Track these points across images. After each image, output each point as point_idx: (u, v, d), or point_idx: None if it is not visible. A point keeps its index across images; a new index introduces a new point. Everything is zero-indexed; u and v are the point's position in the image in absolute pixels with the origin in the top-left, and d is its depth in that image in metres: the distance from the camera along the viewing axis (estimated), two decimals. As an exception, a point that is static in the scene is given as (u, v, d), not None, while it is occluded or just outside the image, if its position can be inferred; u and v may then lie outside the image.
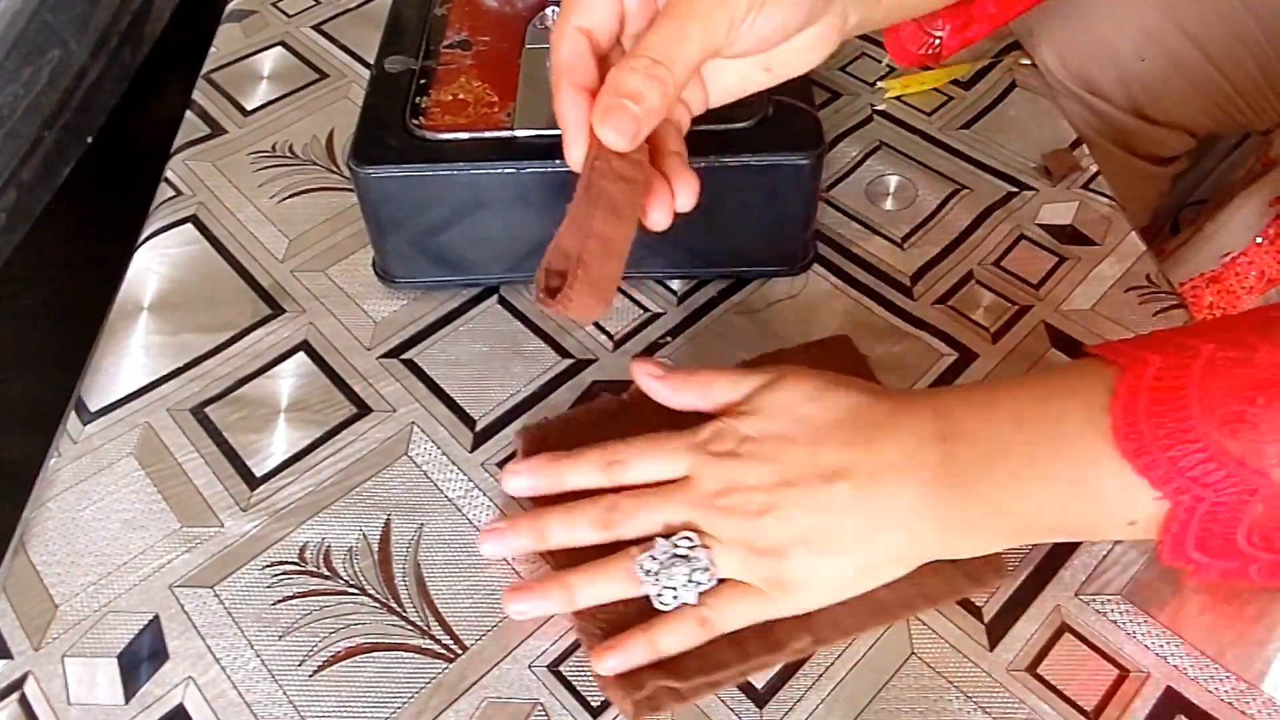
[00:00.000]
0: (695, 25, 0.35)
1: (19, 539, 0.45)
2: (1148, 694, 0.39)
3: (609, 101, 0.35)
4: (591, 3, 0.37)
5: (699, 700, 0.39)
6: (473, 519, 0.46)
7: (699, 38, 0.35)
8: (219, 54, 0.72)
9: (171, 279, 0.56)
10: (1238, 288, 0.70)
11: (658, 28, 0.35)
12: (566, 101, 0.37)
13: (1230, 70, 0.78)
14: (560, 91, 0.37)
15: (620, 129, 0.35)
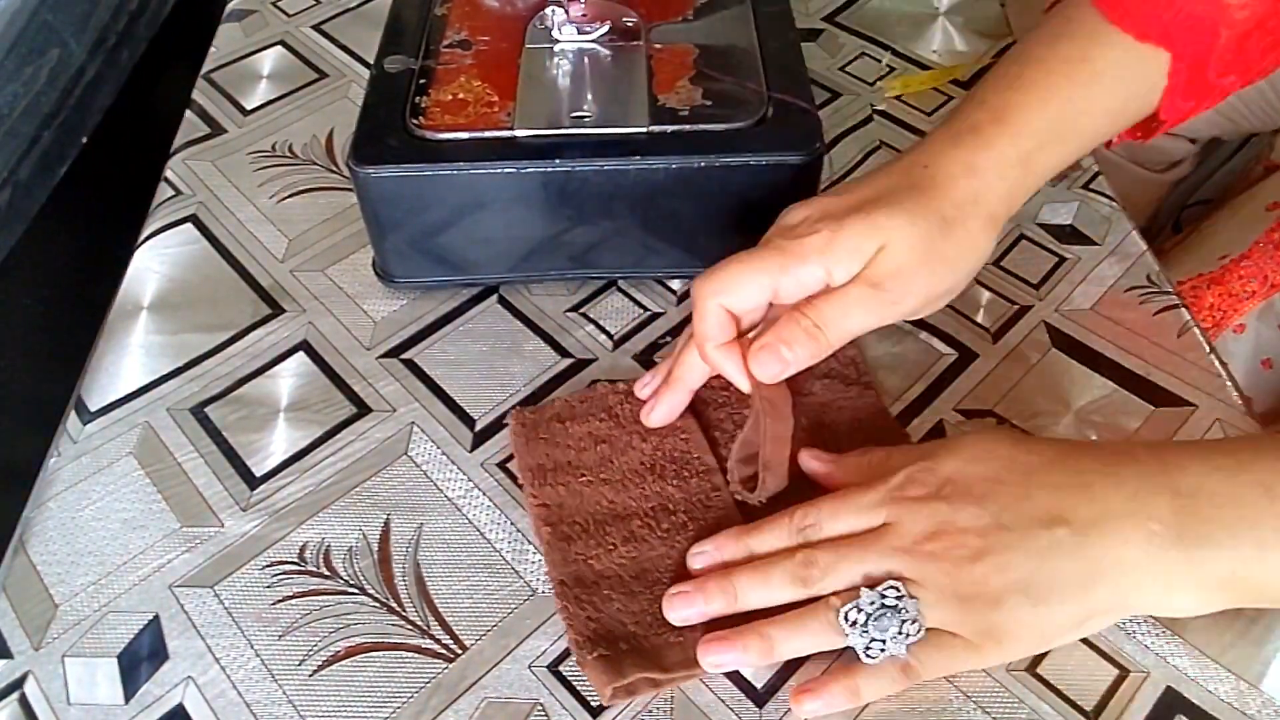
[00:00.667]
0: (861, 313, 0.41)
1: (19, 538, 0.45)
2: (1148, 694, 0.39)
3: (767, 342, 0.41)
4: (739, 286, 0.42)
5: (673, 688, 0.40)
6: (472, 519, 0.46)
7: (862, 322, 0.42)
8: (219, 54, 0.72)
9: (171, 279, 0.56)
10: (1240, 291, 0.70)
11: (832, 300, 0.41)
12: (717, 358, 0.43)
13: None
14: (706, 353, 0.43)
15: (768, 369, 0.42)
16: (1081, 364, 0.51)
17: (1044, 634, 0.38)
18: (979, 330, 0.52)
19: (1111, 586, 0.36)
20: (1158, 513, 0.36)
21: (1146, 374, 0.50)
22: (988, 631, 0.37)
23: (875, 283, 0.41)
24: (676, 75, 0.53)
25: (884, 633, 0.37)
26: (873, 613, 0.37)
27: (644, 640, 0.40)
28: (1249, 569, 0.36)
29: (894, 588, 0.37)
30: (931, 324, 0.53)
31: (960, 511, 0.37)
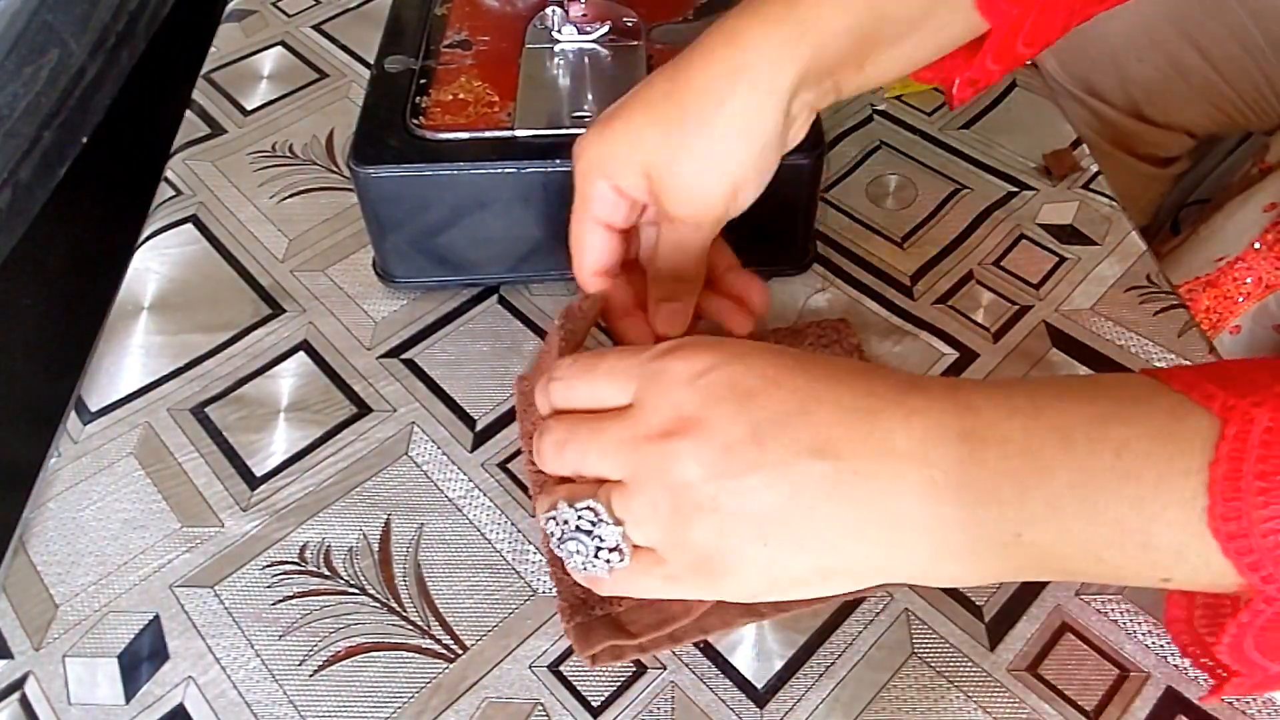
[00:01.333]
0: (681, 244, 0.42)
1: (19, 539, 0.45)
2: (1148, 694, 0.39)
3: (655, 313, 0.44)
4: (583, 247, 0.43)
5: (657, 650, 0.40)
6: (473, 519, 0.46)
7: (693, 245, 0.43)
8: (219, 54, 0.72)
9: (171, 279, 0.56)
10: (1235, 293, 0.70)
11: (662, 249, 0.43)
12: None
13: (1229, 72, 0.78)
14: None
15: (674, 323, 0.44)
16: (1081, 364, 0.51)
17: (773, 581, 0.32)
18: (979, 330, 0.52)
19: (872, 543, 0.31)
20: (942, 456, 0.30)
21: (1146, 374, 0.50)
22: (701, 566, 0.32)
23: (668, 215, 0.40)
24: (677, 75, 0.53)
25: (576, 554, 0.34)
26: (566, 531, 0.34)
27: (616, 604, 0.40)
28: (1035, 530, 0.30)
29: (589, 508, 0.33)
30: (931, 324, 0.53)
31: (711, 409, 0.31)
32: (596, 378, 0.35)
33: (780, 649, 0.41)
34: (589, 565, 0.34)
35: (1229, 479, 0.27)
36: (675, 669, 0.41)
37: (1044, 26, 0.41)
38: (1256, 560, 0.27)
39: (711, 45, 0.39)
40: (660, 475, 0.31)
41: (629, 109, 0.40)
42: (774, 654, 0.41)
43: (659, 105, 0.39)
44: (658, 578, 0.33)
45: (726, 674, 0.40)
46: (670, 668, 0.41)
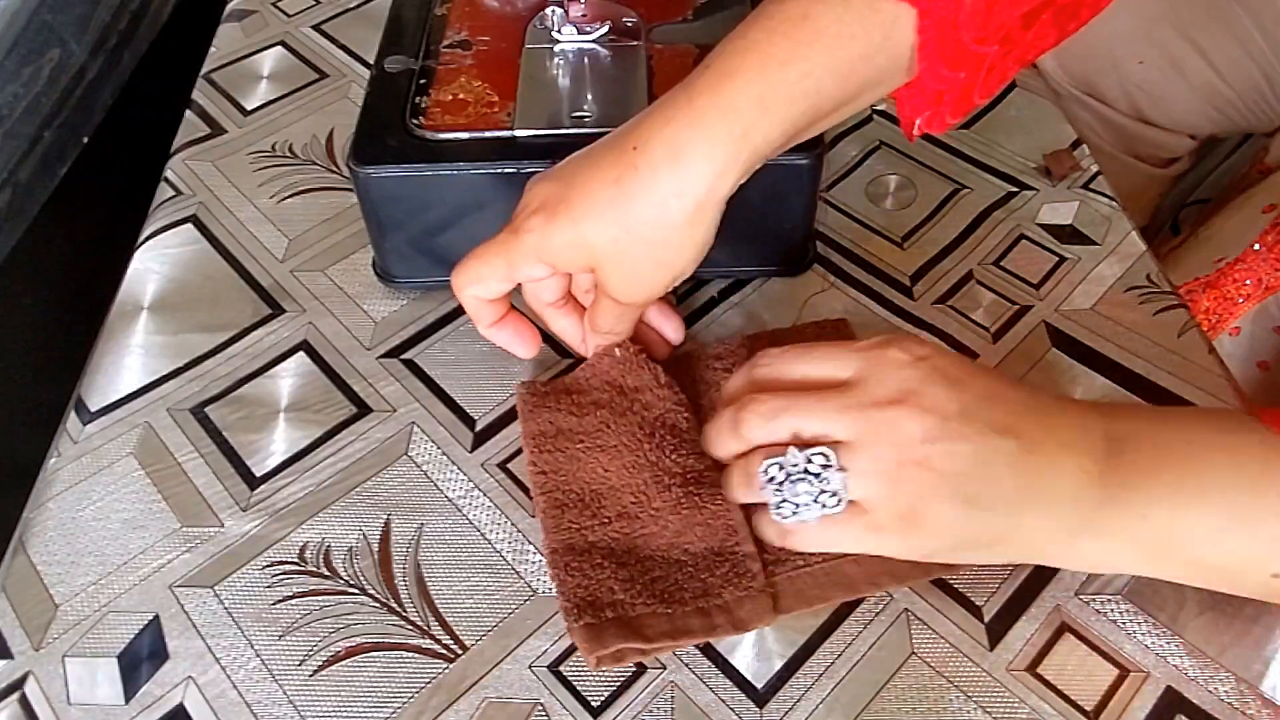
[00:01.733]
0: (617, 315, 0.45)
1: (19, 539, 0.45)
2: (1148, 694, 0.39)
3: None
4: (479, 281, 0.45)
5: (660, 655, 0.41)
6: (473, 519, 0.46)
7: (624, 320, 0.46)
8: (219, 54, 0.72)
9: (171, 279, 0.56)
10: (1235, 294, 0.70)
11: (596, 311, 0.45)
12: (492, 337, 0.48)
13: (1229, 73, 0.78)
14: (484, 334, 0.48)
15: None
16: (1081, 364, 0.51)
17: (958, 538, 0.37)
18: (979, 330, 0.52)
19: (1034, 511, 0.37)
20: (1092, 449, 0.37)
21: (1146, 374, 0.50)
22: (907, 515, 0.37)
23: (611, 297, 0.43)
24: (677, 76, 0.53)
25: (798, 497, 0.37)
26: (793, 473, 0.37)
27: (630, 609, 0.40)
28: (1158, 510, 0.36)
29: (822, 454, 0.37)
30: (931, 324, 0.53)
31: (931, 386, 0.37)
32: (814, 359, 0.40)
33: (780, 649, 0.41)
34: (805, 509, 0.37)
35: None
36: (675, 669, 0.41)
37: (991, 80, 0.43)
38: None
39: (654, 159, 0.40)
40: (887, 434, 0.37)
41: (575, 209, 0.41)
42: (774, 654, 0.41)
43: (605, 210, 0.41)
44: (859, 527, 0.38)
45: (726, 674, 0.40)
46: (670, 668, 0.41)
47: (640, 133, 0.41)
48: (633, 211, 0.40)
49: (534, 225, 0.42)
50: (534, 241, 0.42)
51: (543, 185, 0.43)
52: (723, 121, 0.39)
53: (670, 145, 0.40)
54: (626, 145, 0.41)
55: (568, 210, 0.41)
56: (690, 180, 0.40)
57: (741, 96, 0.39)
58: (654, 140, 0.40)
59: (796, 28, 0.39)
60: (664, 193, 0.40)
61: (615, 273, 0.42)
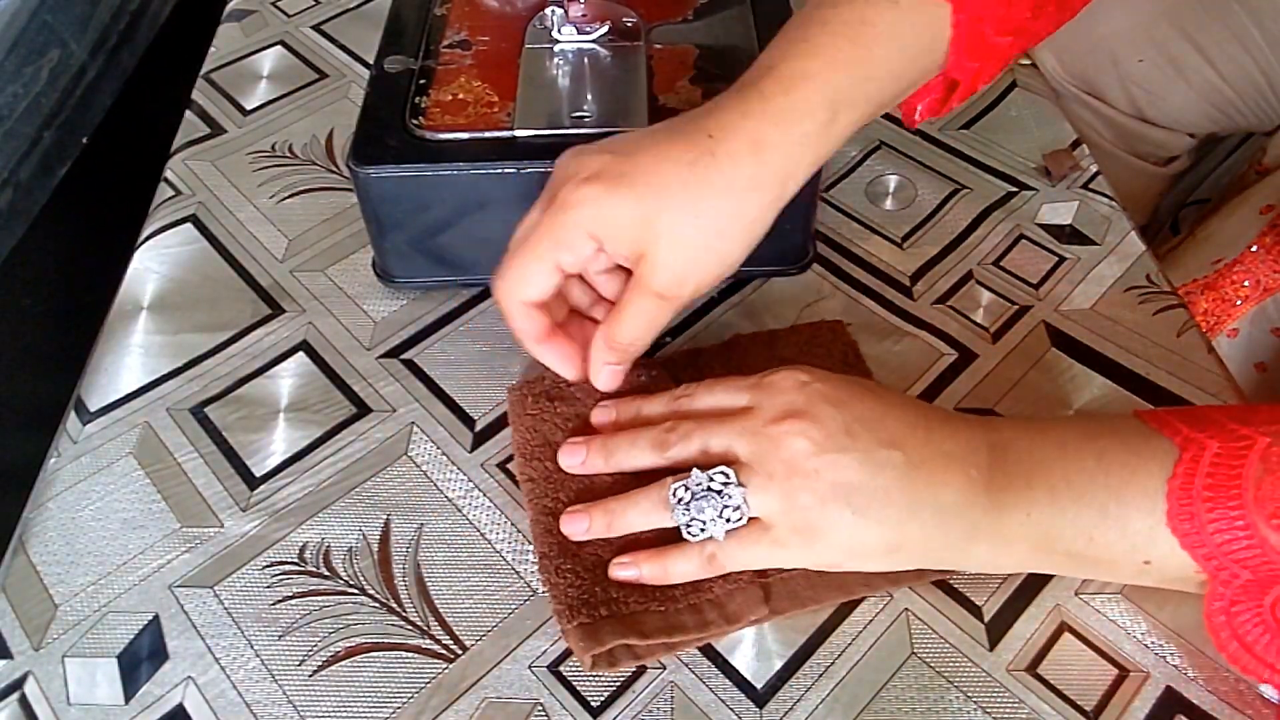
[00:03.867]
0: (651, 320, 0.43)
1: (19, 539, 0.45)
2: (1148, 693, 0.39)
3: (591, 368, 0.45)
4: (528, 281, 0.42)
5: (653, 659, 0.40)
6: (473, 519, 0.46)
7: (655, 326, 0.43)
8: (219, 54, 0.72)
9: (171, 279, 0.56)
10: (1233, 296, 0.70)
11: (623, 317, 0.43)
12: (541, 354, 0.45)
13: (1229, 72, 0.78)
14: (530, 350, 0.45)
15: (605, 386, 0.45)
16: (1081, 364, 0.51)
17: (854, 548, 0.39)
18: (979, 330, 0.52)
19: (925, 523, 0.38)
20: (978, 461, 0.39)
21: (1146, 374, 0.50)
22: (803, 527, 0.39)
23: (654, 291, 0.41)
24: (676, 76, 0.53)
25: (703, 514, 0.39)
26: (697, 492, 0.39)
27: (624, 606, 0.40)
28: (1040, 514, 0.38)
29: (723, 472, 0.39)
30: (931, 324, 0.53)
31: (818, 407, 0.39)
32: (718, 392, 0.43)
33: (780, 649, 0.41)
34: (711, 524, 0.39)
35: (1184, 489, 0.36)
36: (675, 669, 0.41)
37: (996, 68, 0.46)
38: (1208, 553, 0.36)
39: (735, 150, 0.40)
40: (778, 451, 0.39)
41: (640, 181, 0.40)
42: (774, 654, 0.41)
43: (676, 191, 0.40)
44: (765, 544, 0.39)
45: (726, 674, 0.40)
46: (670, 668, 0.41)
47: (714, 122, 0.41)
48: (706, 197, 0.40)
49: (587, 195, 0.40)
50: (589, 213, 0.40)
51: (592, 157, 0.41)
52: (799, 122, 0.41)
53: (751, 137, 0.40)
54: (699, 131, 0.41)
55: (630, 183, 0.40)
56: (770, 174, 0.41)
57: (815, 98, 0.41)
58: (733, 131, 0.40)
59: (858, 32, 0.41)
60: (742, 183, 0.40)
61: (671, 258, 0.41)
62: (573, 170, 0.41)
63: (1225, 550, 0.36)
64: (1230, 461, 0.36)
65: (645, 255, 0.41)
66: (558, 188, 0.41)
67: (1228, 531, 0.36)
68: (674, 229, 0.40)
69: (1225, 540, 0.36)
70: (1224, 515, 0.36)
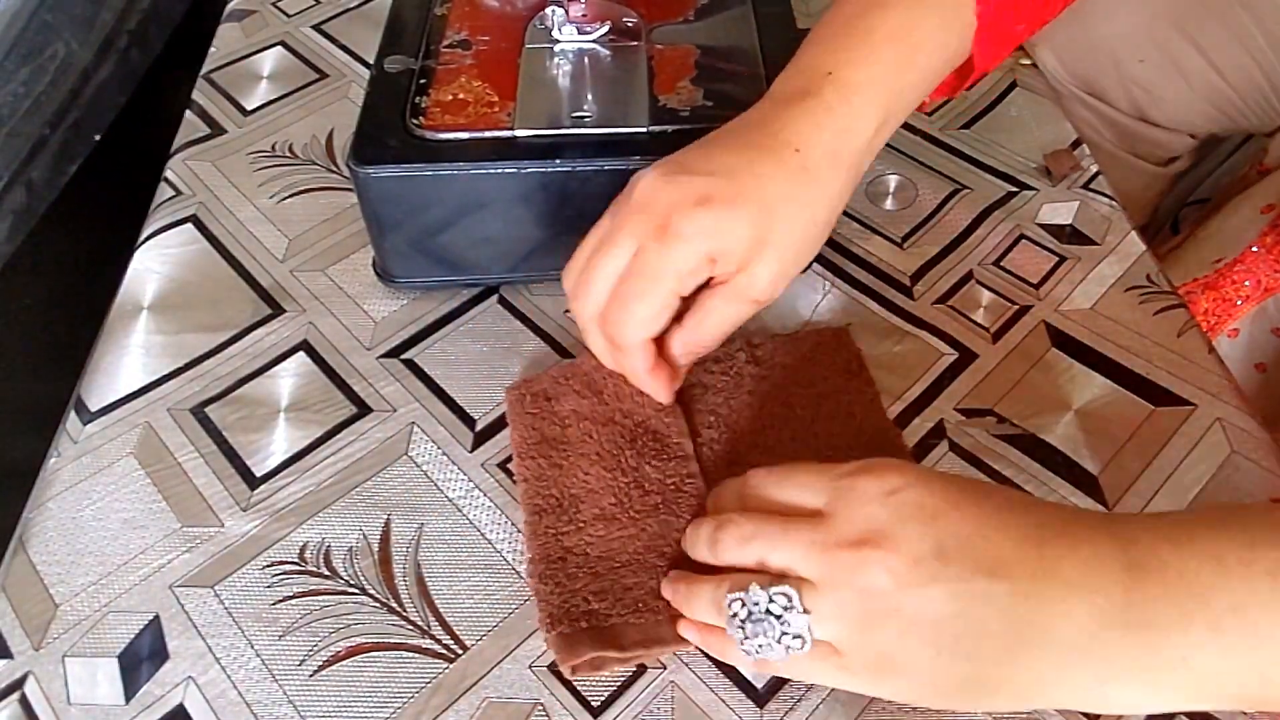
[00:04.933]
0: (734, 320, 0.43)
1: (19, 539, 0.45)
2: (1148, 694, 0.39)
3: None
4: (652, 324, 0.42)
5: (639, 661, 0.41)
6: (473, 519, 0.46)
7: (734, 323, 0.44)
8: (219, 54, 0.72)
9: (171, 279, 0.56)
10: (1234, 295, 0.70)
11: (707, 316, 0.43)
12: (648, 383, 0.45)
13: (1230, 73, 0.78)
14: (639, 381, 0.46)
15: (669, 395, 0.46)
16: (1081, 364, 0.51)
17: (935, 688, 0.34)
18: (979, 330, 0.52)
19: (1032, 661, 0.32)
20: (1107, 585, 0.32)
21: (1147, 374, 0.50)
22: (875, 662, 0.34)
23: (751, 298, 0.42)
24: (677, 76, 0.53)
25: (759, 637, 0.35)
26: (754, 613, 0.35)
27: (604, 619, 0.40)
28: (1202, 656, 0.31)
29: (784, 594, 0.34)
30: (931, 324, 0.53)
31: (901, 526, 0.34)
32: (791, 485, 0.38)
33: (780, 649, 0.41)
34: (768, 648, 0.35)
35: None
36: (675, 669, 0.41)
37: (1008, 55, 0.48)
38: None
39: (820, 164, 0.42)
40: (852, 580, 0.34)
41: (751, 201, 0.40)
42: (774, 654, 0.41)
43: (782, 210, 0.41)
44: (833, 668, 0.35)
45: (726, 674, 0.40)
46: (670, 668, 0.41)
47: (795, 137, 0.42)
48: (806, 209, 0.42)
49: (705, 220, 0.40)
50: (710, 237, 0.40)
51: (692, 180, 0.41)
52: (861, 132, 0.42)
53: (830, 150, 0.42)
54: (784, 147, 0.42)
55: (744, 203, 0.40)
56: (849, 181, 0.43)
57: (869, 108, 0.42)
58: (815, 145, 0.42)
59: (904, 40, 0.43)
60: (834, 192, 0.43)
61: (774, 269, 0.42)
62: (678, 196, 0.40)
63: None
64: None
65: (747, 268, 0.41)
66: (666, 214, 0.40)
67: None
68: (783, 240, 0.42)
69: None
70: None
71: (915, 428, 0.48)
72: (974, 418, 0.49)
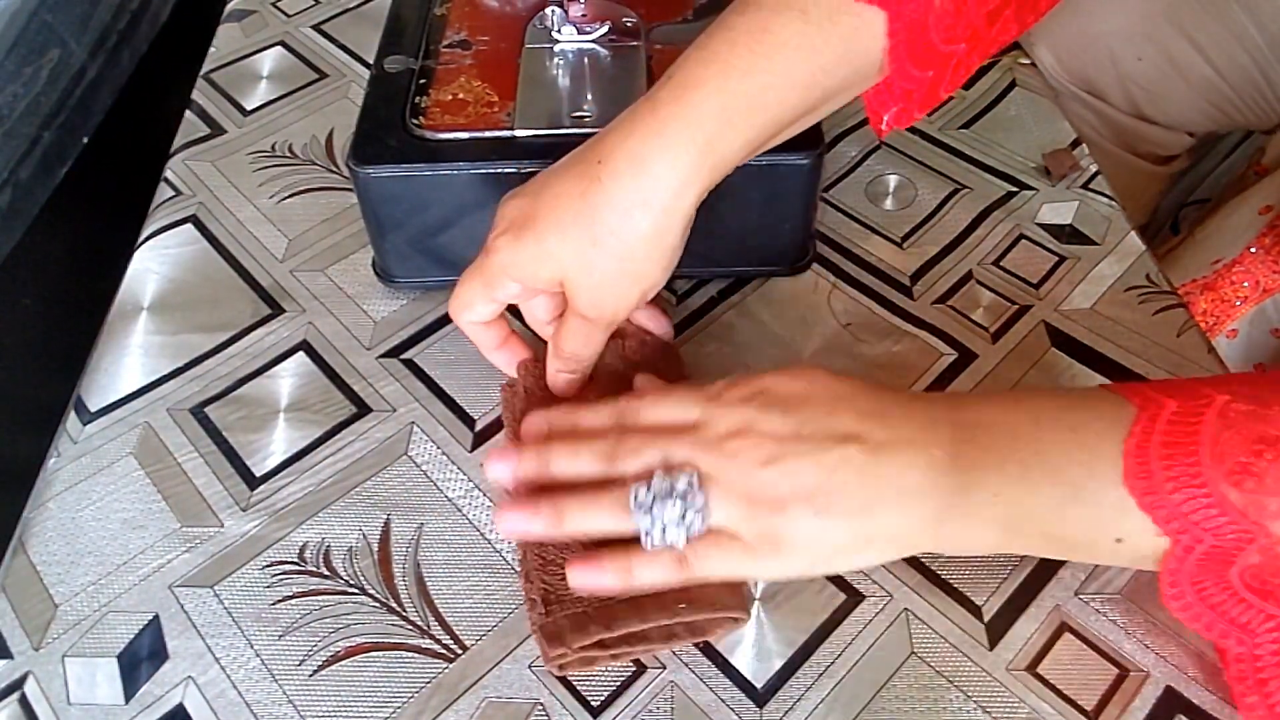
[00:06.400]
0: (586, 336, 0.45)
1: (19, 539, 0.45)
2: (1148, 693, 0.39)
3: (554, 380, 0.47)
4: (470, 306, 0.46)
5: (626, 659, 0.41)
6: (473, 519, 0.46)
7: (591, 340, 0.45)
8: (219, 54, 0.72)
9: (171, 279, 0.56)
10: (1232, 296, 0.70)
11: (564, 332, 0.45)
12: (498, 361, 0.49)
13: (1228, 70, 0.78)
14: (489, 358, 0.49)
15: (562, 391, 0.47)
16: (1081, 364, 0.51)
17: (823, 548, 0.38)
18: (979, 330, 0.52)
19: (892, 510, 0.37)
20: (940, 440, 0.38)
21: (1146, 373, 0.50)
22: (768, 536, 0.38)
23: (581, 314, 0.43)
24: (676, 75, 0.53)
25: (666, 516, 0.37)
26: (660, 493, 0.38)
27: (587, 603, 0.40)
28: (1012, 491, 0.37)
29: (687, 477, 0.38)
30: (931, 324, 0.53)
31: (765, 416, 0.38)
32: (666, 404, 0.41)
33: (780, 649, 0.41)
34: (671, 528, 0.38)
35: (1140, 448, 0.35)
36: (675, 669, 0.41)
37: (956, 76, 0.45)
38: (1167, 514, 0.35)
39: (618, 170, 0.41)
40: (731, 466, 0.38)
41: (540, 224, 0.42)
42: (774, 654, 0.41)
43: (570, 226, 0.41)
44: (737, 552, 0.38)
45: (726, 674, 0.41)
46: (670, 667, 0.41)
47: (604, 146, 0.41)
48: (598, 223, 0.41)
49: (502, 245, 0.43)
50: (503, 260, 0.43)
51: (512, 203, 0.44)
52: (685, 131, 0.40)
53: (633, 156, 0.40)
54: (591, 159, 0.42)
55: (533, 227, 0.42)
56: (654, 191, 0.41)
57: (704, 107, 0.40)
58: (617, 152, 0.41)
59: (757, 40, 0.40)
60: (628, 204, 0.41)
61: (584, 287, 0.43)
62: (498, 219, 0.44)
63: (1185, 512, 0.34)
64: (1188, 419, 0.35)
65: (564, 283, 0.43)
66: (490, 233, 0.44)
67: (1185, 489, 0.34)
68: (579, 260, 0.42)
69: (1183, 500, 0.34)
70: (1182, 473, 0.34)
71: (915, 427, 0.48)
72: (974, 417, 0.49)
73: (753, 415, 0.39)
